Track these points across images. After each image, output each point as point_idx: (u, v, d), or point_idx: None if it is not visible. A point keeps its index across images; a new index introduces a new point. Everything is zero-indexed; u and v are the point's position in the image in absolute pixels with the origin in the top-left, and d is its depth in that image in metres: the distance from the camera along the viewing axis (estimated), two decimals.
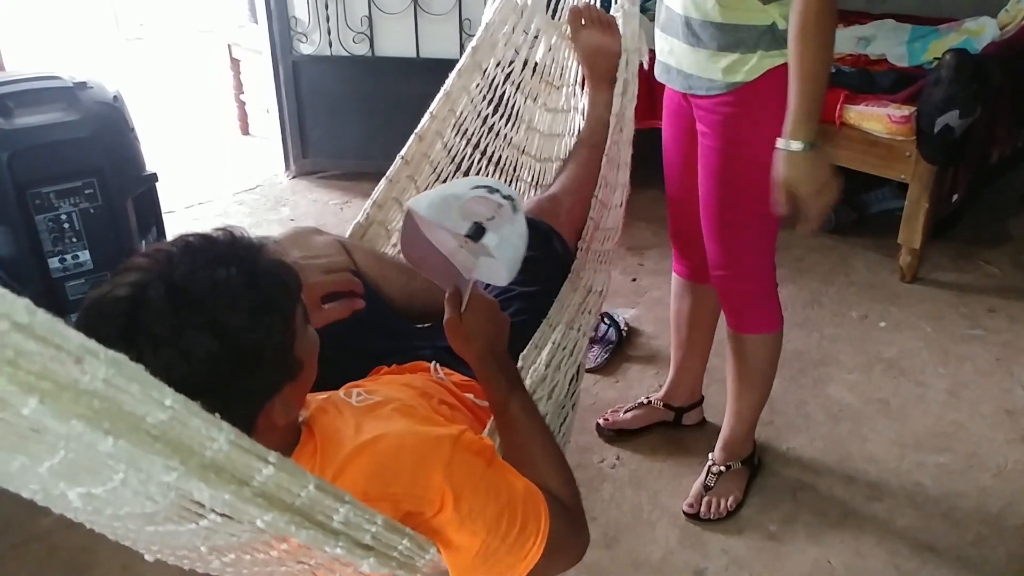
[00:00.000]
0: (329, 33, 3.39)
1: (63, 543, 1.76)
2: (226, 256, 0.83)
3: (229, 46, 3.95)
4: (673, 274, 1.98)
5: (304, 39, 3.44)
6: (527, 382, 1.26)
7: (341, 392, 1.07)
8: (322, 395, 1.07)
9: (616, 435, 2.09)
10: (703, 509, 1.85)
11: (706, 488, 1.88)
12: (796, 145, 1.39)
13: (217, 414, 0.79)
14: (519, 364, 1.27)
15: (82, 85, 2.30)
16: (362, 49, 3.41)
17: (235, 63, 3.97)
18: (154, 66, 5.61)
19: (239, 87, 4.05)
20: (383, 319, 1.41)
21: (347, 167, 3.60)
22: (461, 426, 1.01)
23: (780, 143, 1.40)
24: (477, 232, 1.09)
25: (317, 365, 0.97)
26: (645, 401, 2.13)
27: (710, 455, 1.92)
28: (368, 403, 1.04)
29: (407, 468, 0.91)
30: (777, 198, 1.44)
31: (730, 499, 1.85)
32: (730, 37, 1.48)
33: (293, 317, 0.87)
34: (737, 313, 1.75)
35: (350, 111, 3.51)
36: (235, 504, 0.65)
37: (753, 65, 1.48)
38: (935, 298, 2.69)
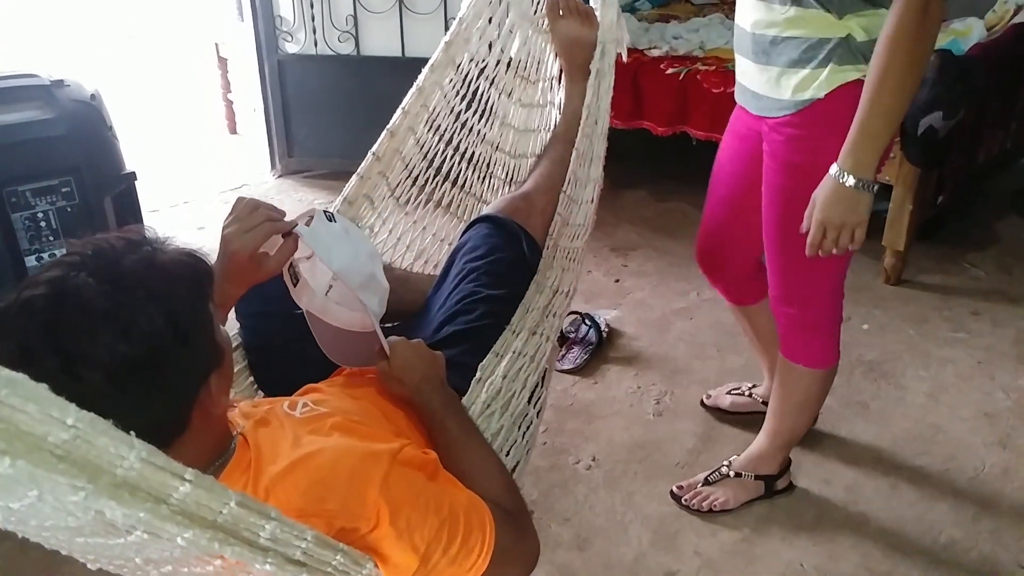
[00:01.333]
0: (314, 32, 3.39)
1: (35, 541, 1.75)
2: (138, 245, 0.84)
3: (216, 45, 3.94)
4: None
5: (289, 38, 3.44)
6: (483, 396, 1.25)
7: (286, 403, 1.05)
8: (266, 405, 1.05)
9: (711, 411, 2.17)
10: (687, 495, 1.85)
11: (706, 481, 1.87)
12: (848, 179, 1.32)
13: (160, 398, 0.79)
14: (477, 375, 1.26)
15: (59, 83, 2.29)
16: (347, 48, 3.41)
17: (223, 62, 3.97)
18: (144, 65, 5.61)
19: (227, 86, 4.05)
20: None
21: (332, 166, 3.59)
22: (403, 440, 1.00)
23: (833, 168, 1.33)
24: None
25: (266, 365, 0.96)
26: (747, 392, 2.14)
27: (732, 458, 1.90)
28: (311, 415, 1.02)
29: (342, 484, 0.89)
30: (808, 211, 1.39)
31: (718, 500, 1.83)
32: (800, 52, 1.39)
33: (208, 301, 0.88)
34: (786, 339, 1.71)
35: (335, 110, 3.50)
36: (152, 522, 0.62)
37: (823, 80, 1.38)
38: (919, 301, 2.68)
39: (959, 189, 2.87)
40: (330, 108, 3.51)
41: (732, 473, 1.86)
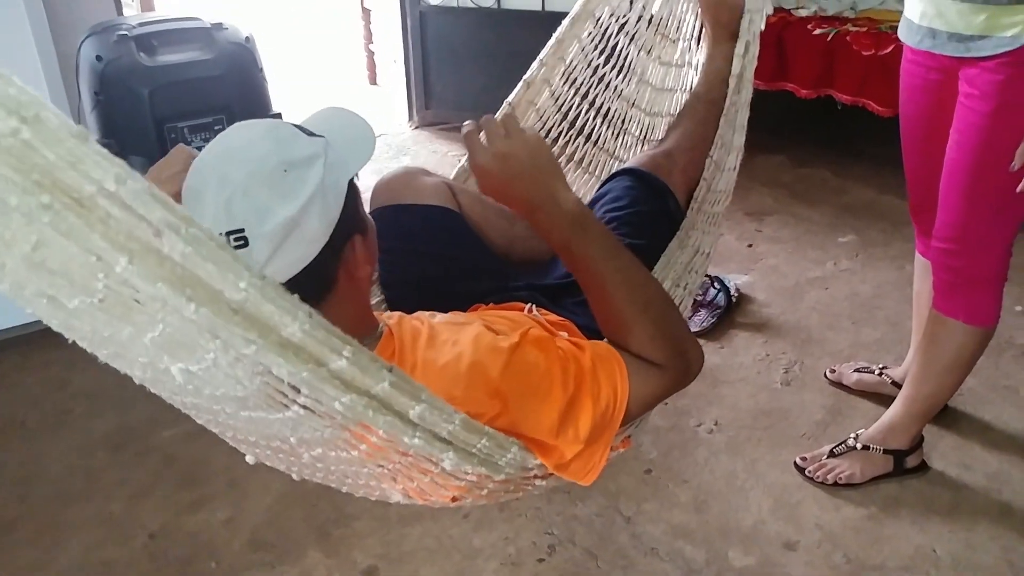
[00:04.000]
0: None
1: (180, 454, 1.88)
2: None
3: None
4: (916, 254, 1.88)
5: None
6: None
7: (427, 313, 1.10)
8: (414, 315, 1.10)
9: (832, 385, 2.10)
10: (811, 467, 1.80)
11: (832, 453, 1.81)
12: None
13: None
14: None
15: (219, 26, 2.41)
16: (489, 1, 3.41)
17: (366, 13, 4.06)
18: (292, 15, 5.81)
19: (369, 37, 4.14)
20: (484, 261, 1.43)
21: (468, 119, 3.61)
22: (527, 324, 1.00)
23: None
24: None
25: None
26: (877, 371, 2.06)
27: (861, 430, 1.83)
28: (450, 319, 1.06)
29: (464, 374, 0.92)
30: (1021, 148, 1.38)
31: (844, 473, 1.77)
32: None
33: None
34: (945, 291, 1.63)
35: (474, 63, 3.52)
36: (313, 382, 0.65)
37: None
38: None
39: None
40: (469, 61, 3.53)
41: (859, 446, 1.79)
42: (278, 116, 2.45)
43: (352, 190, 0.91)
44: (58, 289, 0.55)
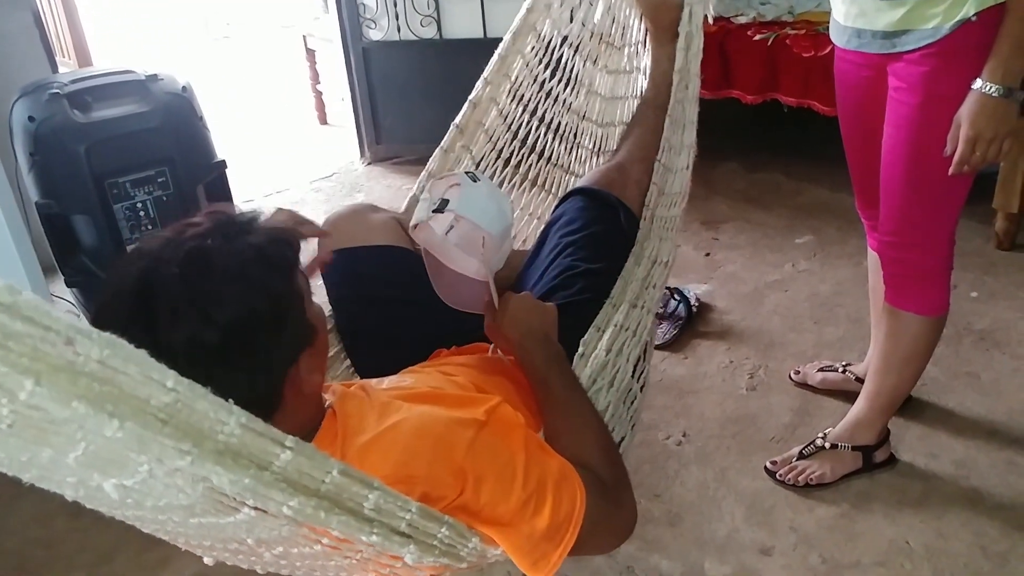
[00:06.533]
0: (397, 18, 3.42)
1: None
2: (224, 226, 0.83)
3: (304, 37, 4.04)
4: (869, 249, 1.88)
5: (373, 25, 3.48)
6: (587, 370, 1.21)
7: (374, 380, 1.06)
8: (355, 383, 1.05)
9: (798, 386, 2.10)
10: (782, 470, 1.79)
11: (801, 455, 1.80)
12: (992, 89, 1.34)
13: (245, 381, 0.78)
14: (580, 350, 1.22)
15: (153, 77, 2.38)
16: (430, 32, 3.42)
17: (311, 54, 4.06)
18: (240, 63, 5.81)
19: (315, 77, 4.13)
20: (441, 301, 1.40)
21: (420, 152, 3.59)
22: (493, 399, 0.97)
23: (978, 82, 1.35)
24: (441, 205, 1.22)
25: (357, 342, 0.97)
26: (840, 369, 2.06)
27: (828, 430, 1.83)
28: (397, 386, 1.02)
29: (427, 450, 0.87)
30: (951, 134, 1.40)
31: (815, 474, 1.76)
32: None
33: (295, 279, 0.86)
34: (897, 285, 1.64)
35: (420, 95, 3.52)
36: (257, 489, 0.61)
37: (972, 2, 1.35)
38: None
39: None
40: (415, 93, 3.53)
41: (828, 445, 1.78)
42: (222, 163, 2.42)
43: (292, 298, 0.85)
44: None
